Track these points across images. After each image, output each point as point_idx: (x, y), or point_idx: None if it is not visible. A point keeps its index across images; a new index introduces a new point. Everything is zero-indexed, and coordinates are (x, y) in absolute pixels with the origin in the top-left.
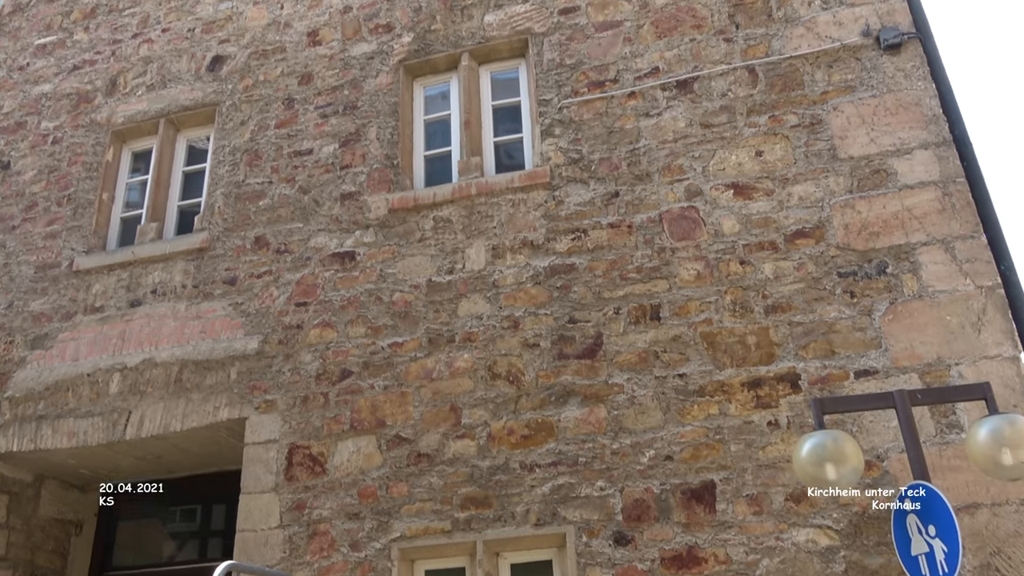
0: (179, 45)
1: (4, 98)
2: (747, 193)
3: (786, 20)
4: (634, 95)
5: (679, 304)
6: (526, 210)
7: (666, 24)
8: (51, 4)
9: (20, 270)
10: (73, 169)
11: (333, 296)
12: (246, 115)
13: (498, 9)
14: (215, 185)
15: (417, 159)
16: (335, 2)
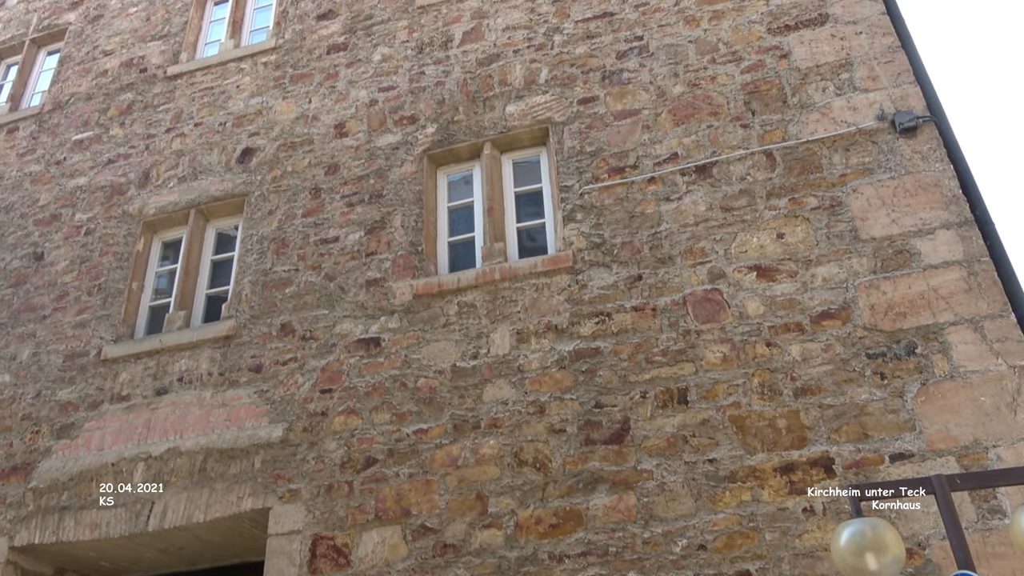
0: (210, 138)
1: (41, 191)
2: (770, 275)
3: (801, 106)
4: (654, 180)
5: (706, 387)
6: (550, 294)
7: (683, 112)
8: (89, 102)
9: (49, 359)
10: (104, 259)
11: (358, 382)
12: (274, 205)
13: (519, 100)
14: (243, 273)
15: (441, 245)
16: (361, 95)
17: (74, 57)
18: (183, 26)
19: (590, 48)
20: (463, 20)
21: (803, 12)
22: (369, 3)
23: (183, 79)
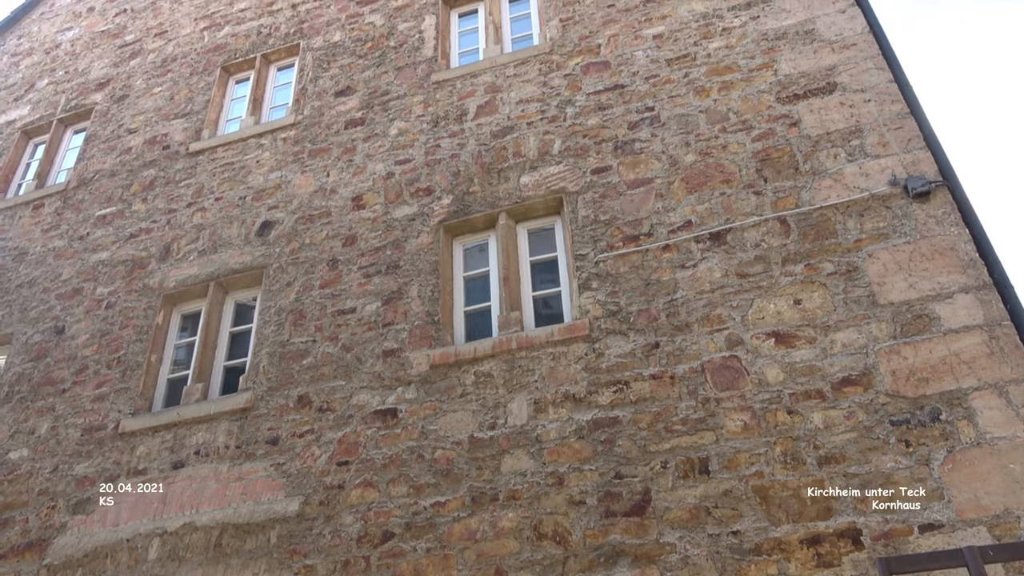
0: (230, 212)
1: (64, 266)
2: (789, 341)
3: (813, 173)
4: (669, 248)
5: (728, 457)
6: (567, 363)
7: (696, 180)
8: (113, 178)
9: (67, 433)
10: (124, 332)
11: (375, 454)
12: (292, 276)
13: (533, 171)
14: (260, 345)
15: (457, 315)
16: (378, 168)
17: (99, 135)
18: (205, 104)
19: (602, 119)
20: (477, 94)
21: (811, 81)
22: (386, 80)
23: (205, 155)
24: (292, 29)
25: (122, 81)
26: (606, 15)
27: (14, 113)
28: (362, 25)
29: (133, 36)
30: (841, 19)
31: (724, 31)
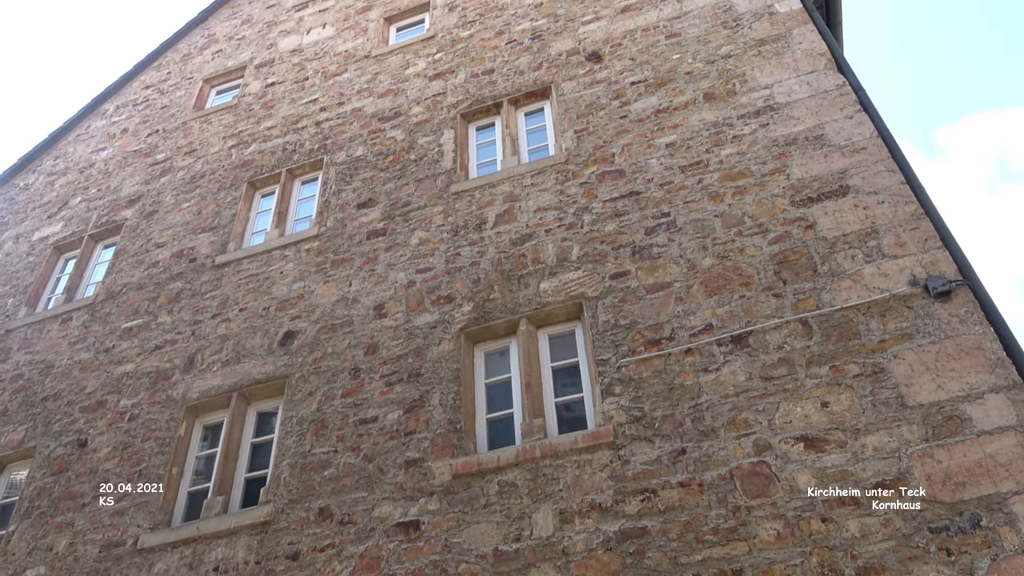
0: (254, 323)
1: (89, 379)
2: (819, 446)
3: (832, 274)
4: (691, 352)
5: (762, 568)
6: (592, 471)
7: (715, 283)
8: (140, 291)
9: (85, 549)
10: (146, 445)
11: (397, 569)
12: (314, 386)
13: (552, 277)
14: (282, 456)
15: (480, 422)
16: (400, 277)
17: (128, 250)
18: (232, 218)
19: (619, 225)
20: (496, 203)
21: (824, 184)
22: (406, 191)
23: (230, 267)
24: (316, 145)
25: (152, 197)
26: (619, 126)
27: (47, 230)
28: (383, 140)
29: (164, 155)
30: (849, 125)
31: (735, 138)
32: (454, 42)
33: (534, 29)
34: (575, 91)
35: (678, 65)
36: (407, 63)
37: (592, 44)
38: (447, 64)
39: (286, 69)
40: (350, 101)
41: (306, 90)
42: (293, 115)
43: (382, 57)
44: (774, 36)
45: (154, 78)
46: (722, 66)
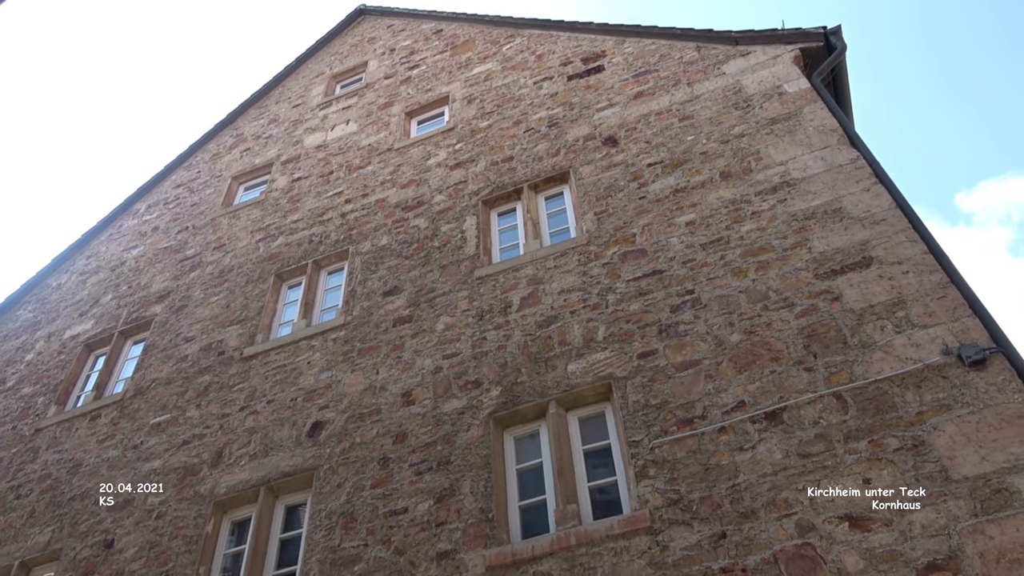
0: (282, 414)
1: (116, 477)
2: (864, 525)
3: (862, 346)
4: (724, 430)
5: None
6: (630, 559)
7: (744, 359)
8: (169, 386)
9: None
10: (173, 543)
11: None
12: (343, 477)
13: (579, 358)
14: (311, 552)
15: (512, 510)
16: (427, 364)
17: (158, 345)
18: (259, 310)
19: (644, 304)
20: (520, 287)
21: (847, 257)
22: (431, 278)
23: (258, 359)
24: (341, 236)
25: (181, 292)
26: (638, 206)
27: (78, 328)
28: (407, 228)
29: (193, 250)
30: (867, 197)
31: (754, 214)
32: (473, 132)
33: (550, 117)
34: (593, 174)
35: (693, 146)
36: (428, 154)
37: (608, 129)
38: (467, 153)
39: (311, 164)
40: (374, 192)
41: (331, 183)
42: (319, 208)
43: (404, 149)
44: (785, 115)
45: (184, 177)
46: (736, 145)
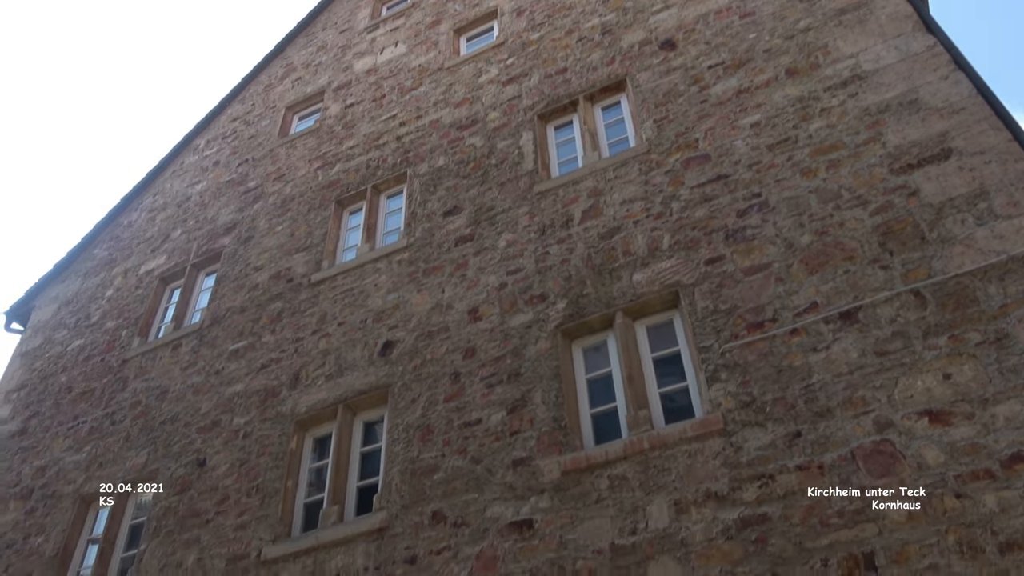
0: (353, 336)
1: (202, 401)
2: (944, 419)
3: (941, 241)
4: (797, 332)
5: (895, 549)
6: (704, 460)
7: (815, 260)
8: (243, 314)
9: (212, 564)
10: (261, 460)
11: (514, 568)
12: (416, 393)
13: (645, 268)
14: (391, 463)
15: (584, 418)
16: (491, 280)
17: (229, 275)
18: (323, 237)
19: (709, 210)
20: (580, 200)
21: (924, 150)
22: (490, 196)
23: (325, 284)
24: (398, 159)
25: (247, 224)
26: (700, 110)
27: (152, 263)
28: (463, 148)
29: (255, 182)
30: (945, 86)
31: (823, 111)
32: (524, 45)
33: (603, 24)
34: (651, 81)
35: (755, 44)
36: (480, 71)
37: (664, 32)
38: (519, 68)
39: (363, 89)
40: (428, 114)
41: (384, 107)
42: (374, 132)
43: (455, 68)
44: (855, 3)
45: (240, 110)
46: (802, 40)
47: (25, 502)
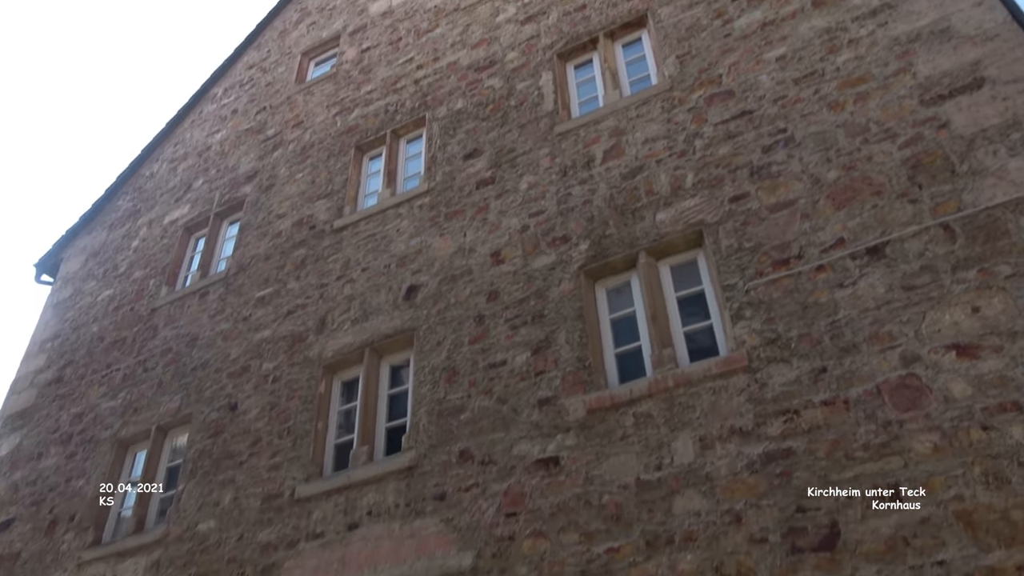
0: (377, 281)
1: (231, 347)
2: (972, 352)
3: (973, 173)
4: (823, 268)
5: (920, 481)
6: (729, 397)
7: (842, 196)
8: (267, 261)
9: (248, 503)
10: (291, 403)
11: (541, 504)
12: (441, 336)
13: (668, 207)
14: (418, 404)
15: (608, 357)
16: (513, 223)
17: (252, 223)
18: (343, 183)
19: (733, 147)
20: (602, 140)
21: (955, 80)
22: (511, 137)
23: (348, 230)
24: (417, 103)
25: (267, 172)
26: (723, 45)
27: (176, 213)
28: (482, 90)
29: (274, 130)
30: (978, 12)
31: (851, 42)
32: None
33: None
34: (673, 16)
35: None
36: (496, 11)
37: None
38: (537, 6)
39: (379, 32)
40: (445, 56)
41: (401, 51)
42: (391, 76)
43: (471, 8)
44: None
45: (256, 57)
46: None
47: (65, 447)
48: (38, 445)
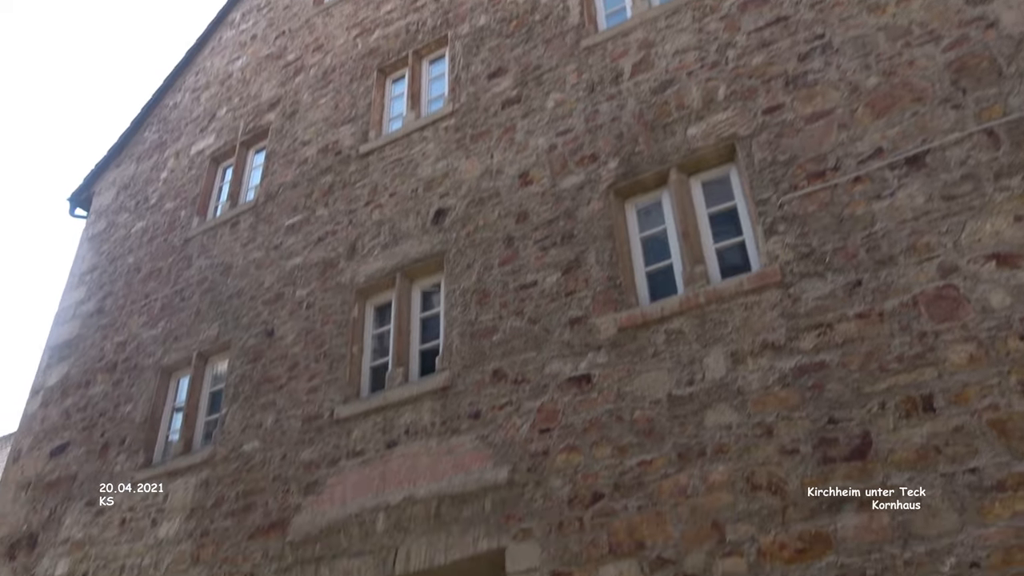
0: (405, 205)
1: (264, 275)
2: (1013, 262)
3: (1020, 75)
4: (860, 180)
5: (955, 391)
6: (761, 312)
7: (882, 103)
8: (295, 189)
9: (290, 424)
10: (326, 328)
11: (574, 420)
12: (471, 259)
13: (699, 121)
14: (451, 327)
15: (639, 276)
16: (540, 143)
17: (278, 151)
18: (367, 107)
19: (768, 56)
20: (630, 53)
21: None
22: (535, 54)
23: (374, 155)
24: (438, 21)
25: (290, 98)
26: None
27: (202, 143)
28: (505, 5)
29: (294, 55)
30: None
31: None
32: None
33: None
34: None
35: None
36: None
37: None
38: None
39: None
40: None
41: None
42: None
43: None
44: None
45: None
46: None
47: (111, 374)
48: (85, 373)
